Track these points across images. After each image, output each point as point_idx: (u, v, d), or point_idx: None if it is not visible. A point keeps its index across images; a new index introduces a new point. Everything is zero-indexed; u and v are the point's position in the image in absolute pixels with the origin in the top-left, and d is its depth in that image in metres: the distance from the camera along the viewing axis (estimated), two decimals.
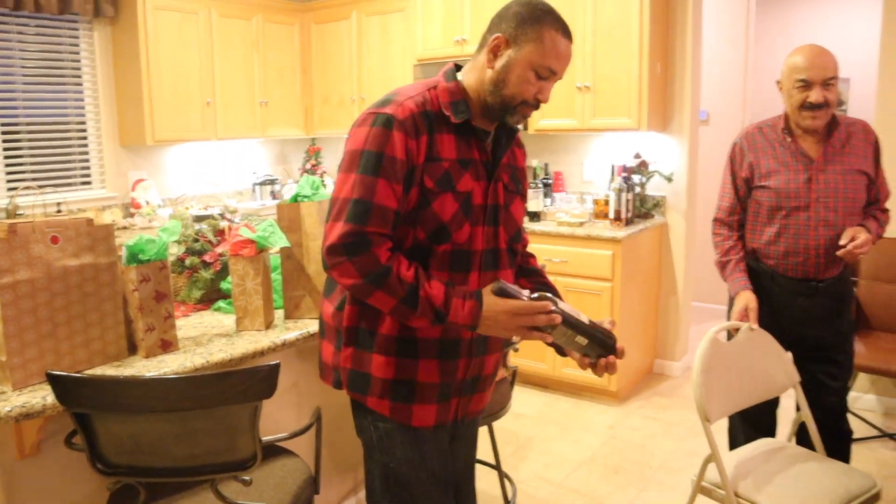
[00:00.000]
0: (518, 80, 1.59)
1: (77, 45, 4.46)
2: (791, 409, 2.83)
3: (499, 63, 1.60)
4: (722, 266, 2.56)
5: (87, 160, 4.58)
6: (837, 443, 2.50)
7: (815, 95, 2.30)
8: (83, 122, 4.54)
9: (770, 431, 2.67)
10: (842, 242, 2.30)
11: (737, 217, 2.58)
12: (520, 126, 1.72)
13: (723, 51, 5.41)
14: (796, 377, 2.37)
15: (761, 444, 2.36)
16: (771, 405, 2.63)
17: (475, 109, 1.65)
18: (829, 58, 2.31)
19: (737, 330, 2.30)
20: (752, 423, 2.62)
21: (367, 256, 1.51)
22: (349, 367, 1.69)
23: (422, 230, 1.58)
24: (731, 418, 2.68)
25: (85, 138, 4.56)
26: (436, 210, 1.57)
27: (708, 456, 2.13)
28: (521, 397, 4.15)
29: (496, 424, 3.77)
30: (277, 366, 1.53)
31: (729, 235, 2.58)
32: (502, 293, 1.55)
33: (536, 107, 1.65)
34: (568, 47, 1.62)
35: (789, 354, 2.41)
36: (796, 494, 2.05)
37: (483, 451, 3.44)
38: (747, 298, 2.41)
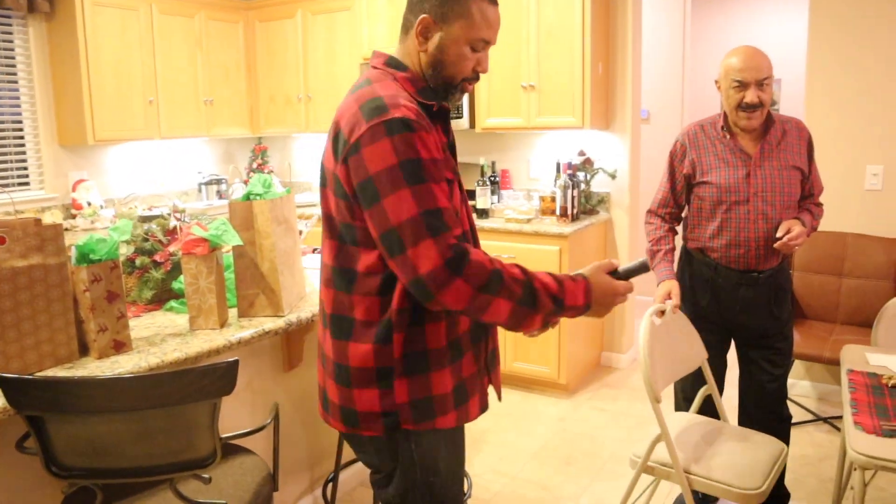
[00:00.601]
0: (456, 59, 1.54)
1: (11, 42, 4.32)
2: (732, 396, 2.95)
3: (431, 45, 1.54)
4: (651, 255, 2.67)
5: (24, 160, 4.44)
6: (778, 425, 2.62)
7: (749, 96, 2.39)
8: (20, 122, 4.40)
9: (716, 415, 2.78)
10: (778, 235, 2.42)
11: (668, 210, 2.69)
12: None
13: (661, 51, 5.56)
14: (704, 354, 2.56)
15: (681, 421, 2.51)
16: (720, 392, 2.74)
17: None
18: (764, 59, 2.41)
19: (661, 314, 2.42)
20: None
21: (472, 266, 1.38)
22: (408, 400, 1.54)
23: None
24: (678, 407, 2.78)
25: (22, 138, 4.42)
26: (454, 203, 1.53)
27: (658, 436, 2.23)
28: None
29: None
30: (236, 362, 1.54)
31: (660, 226, 2.68)
32: (626, 274, 1.63)
33: (477, 78, 1.62)
34: (496, 12, 1.58)
35: (696, 333, 2.57)
36: (733, 464, 2.23)
37: None
38: (670, 284, 2.55)
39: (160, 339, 2.02)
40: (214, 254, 2.08)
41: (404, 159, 1.40)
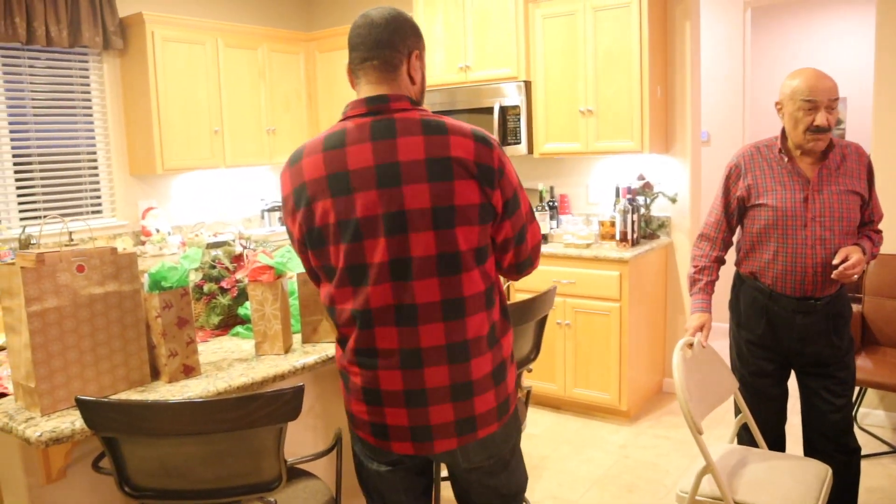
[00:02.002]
0: (425, 84, 1.75)
1: (87, 78, 4.54)
2: (798, 424, 2.86)
3: (418, 76, 1.69)
4: (692, 282, 2.65)
5: (97, 189, 4.64)
6: (845, 457, 2.52)
7: (820, 118, 2.33)
8: (94, 153, 4.61)
9: (782, 445, 2.70)
10: (835, 262, 2.34)
11: (721, 234, 2.63)
12: None
13: (721, 72, 5.49)
14: (736, 384, 2.55)
15: (728, 452, 2.47)
16: (782, 423, 2.66)
17: None
18: (831, 80, 2.36)
19: (690, 346, 2.41)
20: (768, 441, 2.65)
21: None
22: (513, 386, 1.74)
23: None
24: (740, 438, 2.70)
25: (96, 168, 4.62)
26: None
27: (703, 468, 2.19)
28: (533, 417, 4.17)
29: None
30: (302, 388, 1.57)
31: (707, 254, 2.64)
32: None
33: None
34: None
35: (724, 363, 2.54)
36: (781, 489, 2.20)
37: None
38: (704, 318, 2.55)
39: (227, 363, 2.07)
40: (280, 281, 2.12)
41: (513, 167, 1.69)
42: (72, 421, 1.65)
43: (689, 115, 4.25)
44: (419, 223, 1.54)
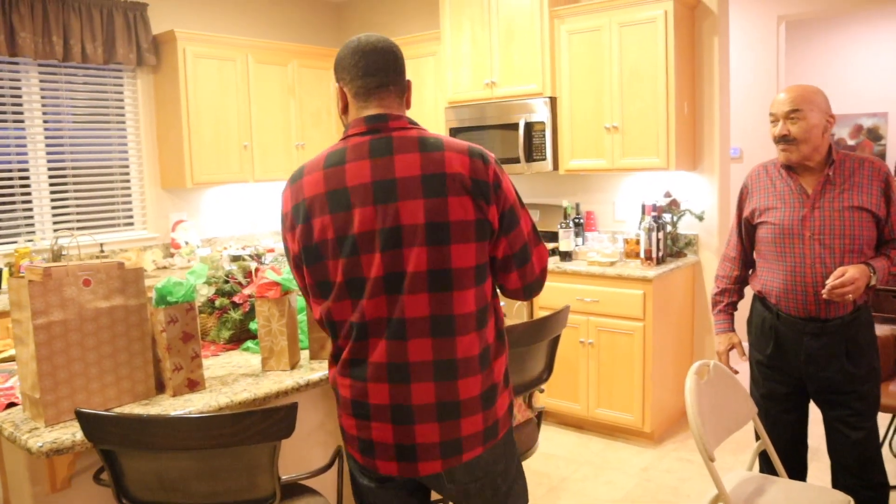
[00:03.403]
0: None
1: (121, 93, 4.65)
2: (820, 451, 2.77)
3: (409, 102, 1.77)
4: (714, 303, 2.72)
5: (129, 202, 4.74)
6: (871, 493, 2.41)
7: (778, 129, 2.40)
8: (126, 166, 4.72)
9: (802, 474, 2.61)
10: (829, 281, 2.27)
11: (740, 255, 2.66)
12: None
13: (754, 86, 5.40)
14: (755, 409, 2.48)
15: (744, 480, 2.39)
16: (800, 449, 2.58)
17: None
18: (800, 93, 2.37)
19: (706, 368, 2.36)
20: (785, 468, 2.57)
21: None
22: (503, 412, 1.70)
23: None
24: (761, 466, 2.62)
25: (128, 181, 4.73)
26: None
27: (715, 496, 2.14)
28: (555, 438, 4.11)
29: (528, 465, 3.74)
30: (295, 406, 1.57)
31: (728, 274, 2.69)
32: None
33: None
34: None
35: (743, 388, 2.48)
36: None
37: None
38: (729, 339, 2.63)
39: (233, 378, 2.08)
40: (287, 297, 2.13)
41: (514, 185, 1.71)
42: (73, 433, 1.67)
43: (718, 131, 4.18)
44: (413, 238, 1.56)
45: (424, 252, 1.55)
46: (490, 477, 1.68)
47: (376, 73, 1.66)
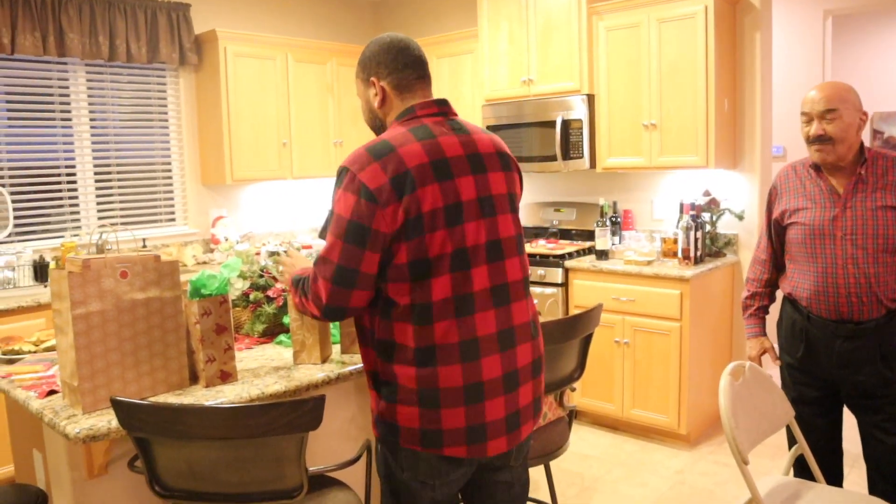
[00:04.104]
0: None
1: (164, 92, 4.76)
2: (856, 455, 2.71)
3: None
4: (744, 307, 2.70)
5: (171, 198, 4.84)
6: None
7: (813, 129, 2.32)
8: (168, 163, 4.82)
9: (838, 480, 2.55)
10: None
11: (770, 257, 2.62)
12: None
13: (798, 83, 5.28)
14: (791, 412, 2.41)
15: (779, 485, 2.34)
16: (835, 455, 2.52)
17: None
18: (834, 91, 2.29)
19: (742, 369, 2.31)
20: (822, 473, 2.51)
21: None
22: None
23: None
24: (796, 470, 2.56)
25: (170, 178, 4.83)
26: None
27: (748, 501, 2.10)
28: (589, 438, 4.08)
29: (561, 465, 3.72)
30: (322, 398, 1.59)
31: (759, 277, 2.65)
32: None
33: None
34: None
35: (779, 391, 2.43)
36: None
37: (542, 491, 3.40)
38: (761, 343, 2.62)
39: (265, 371, 2.12)
40: None
41: None
42: (108, 420, 1.72)
43: (759, 129, 4.10)
44: (503, 206, 1.74)
45: (510, 218, 1.74)
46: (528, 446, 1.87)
47: (414, 66, 1.79)
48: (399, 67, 1.77)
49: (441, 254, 1.61)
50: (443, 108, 1.77)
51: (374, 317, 1.69)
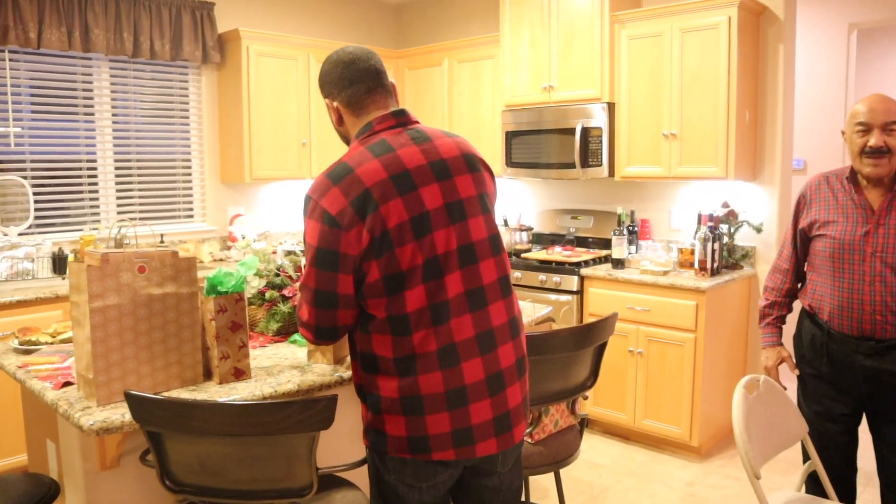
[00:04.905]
0: None
1: (186, 89, 4.79)
2: (871, 473, 2.68)
3: None
4: (762, 316, 2.65)
5: (190, 195, 4.88)
6: None
7: (874, 139, 2.24)
8: (188, 160, 4.85)
9: (851, 498, 2.52)
10: None
11: (793, 267, 2.58)
12: None
13: (820, 96, 5.24)
14: (806, 428, 2.38)
15: (791, 500, 2.33)
16: (850, 472, 2.49)
17: None
18: (893, 104, 2.25)
19: (756, 383, 2.28)
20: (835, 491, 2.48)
21: None
22: None
23: None
24: (808, 486, 2.54)
25: (189, 175, 4.87)
26: None
27: None
28: (599, 446, 4.06)
29: (571, 473, 3.71)
30: (335, 398, 1.59)
31: (779, 287, 2.61)
32: None
33: None
34: None
35: (794, 406, 2.40)
36: None
37: (551, 499, 3.39)
38: (778, 353, 2.58)
39: (278, 369, 2.12)
40: None
41: None
42: (122, 413, 1.73)
43: (780, 141, 4.07)
44: (473, 209, 1.71)
45: (482, 220, 1.72)
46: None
47: (363, 80, 1.76)
48: (346, 85, 1.76)
49: (413, 266, 1.61)
50: (400, 119, 1.75)
51: (355, 330, 1.71)
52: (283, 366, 2.17)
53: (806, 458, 2.41)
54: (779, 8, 4.01)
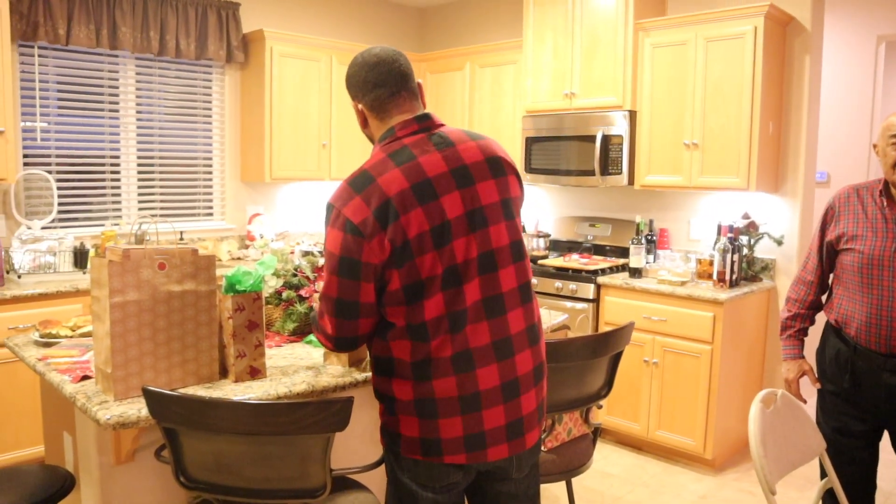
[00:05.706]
0: None
1: (210, 88, 4.83)
2: (891, 492, 2.64)
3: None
4: (784, 328, 2.61)
5: (210, 193, 4.91)
6: None
7: None
8: (209, 158, 4.89)
9: None
10: None
11: (817, 279, 2.55)
12: None
13: (847, 108, 5.18)
14: (823, 444, 2.33)
15: None
16: (869, 490, 2.45)
17: None
18: None
19: (773, 397, 2.25)
20: None
21: None
22: None
23: None
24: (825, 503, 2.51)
25: (210, 173, 4.90)
26: None
27: None
28: (612, 456, 4.04)
29: (583, 482, 3.69)
30: (351, 400, 1.59)
31: (803, 299, 2.57)
32: None
33: None
34: None
35: (811, 421, 2.34)
36: None
37: None
38: (799, 365, 2.53)
39: (293, 370, 2.13)
40: None
41: None
42: (139, 408, 1.75)
43: (804, 153, 4.03)
44: (495, 216, 1.69)
45: (504, 227, 1.70)
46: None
47: (386, 83, 1.74)
48: (370, 88, 1.75)
49: (432, 275, 1.62)
50: (424, 124, 1.73)
51: (374, 336, 1.71)
52: (298, 366, 2.17)
53: (823, 474, 2.38)
54: (806, 19, 3.97)
